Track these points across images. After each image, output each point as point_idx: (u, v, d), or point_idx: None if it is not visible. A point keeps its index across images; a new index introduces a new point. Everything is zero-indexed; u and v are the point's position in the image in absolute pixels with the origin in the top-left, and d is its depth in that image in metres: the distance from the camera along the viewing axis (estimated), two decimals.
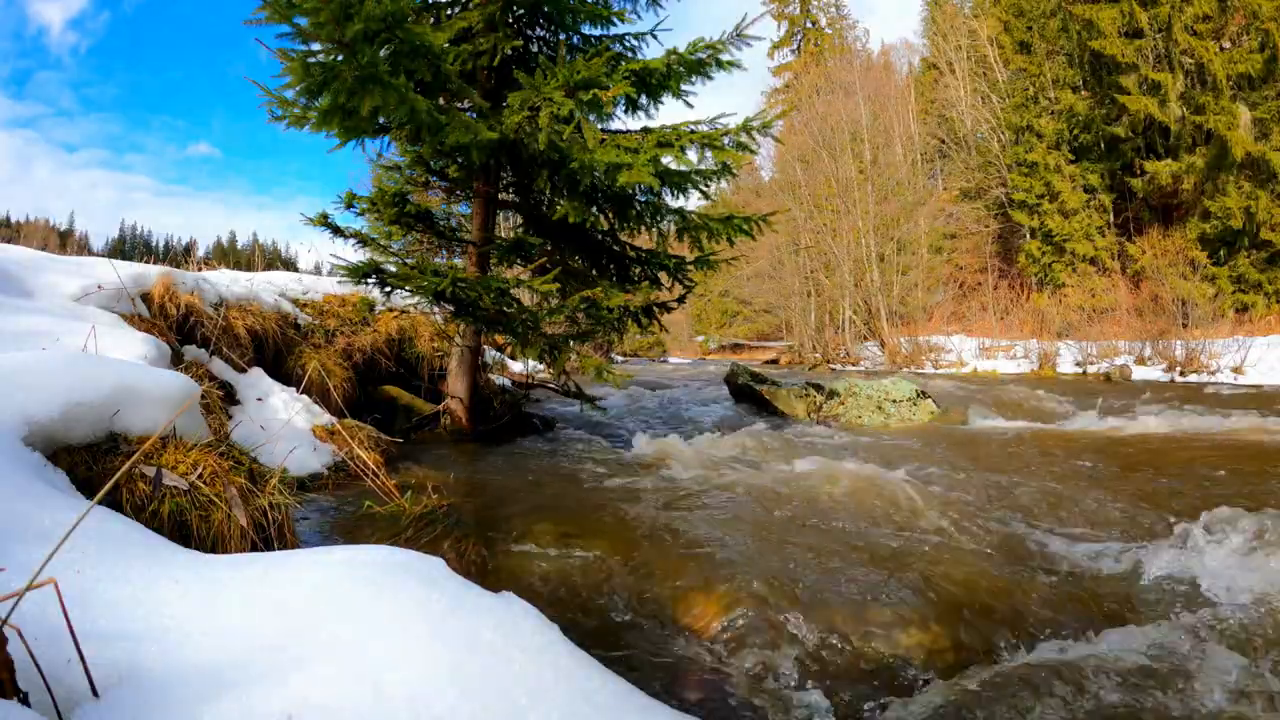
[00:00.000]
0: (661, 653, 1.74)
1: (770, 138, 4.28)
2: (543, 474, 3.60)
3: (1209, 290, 15.20)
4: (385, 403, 4.98)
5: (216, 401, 2.87)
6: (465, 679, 0.88)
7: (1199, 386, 10.11)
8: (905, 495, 2.90)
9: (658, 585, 2.05)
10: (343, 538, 2.38)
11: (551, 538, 2.36)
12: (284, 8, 2.95)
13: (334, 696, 0.81)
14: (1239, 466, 3.64)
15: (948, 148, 24.72)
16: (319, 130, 3.79)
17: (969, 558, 2.25)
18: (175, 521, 1.63)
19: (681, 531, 2.48)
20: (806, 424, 6.01)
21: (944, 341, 18.52)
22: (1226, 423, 5.11)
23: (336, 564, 1.14)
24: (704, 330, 35.76)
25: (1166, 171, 16.50)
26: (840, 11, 34.62)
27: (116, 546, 1.14)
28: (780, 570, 2.08)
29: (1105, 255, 18.60)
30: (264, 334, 4.39)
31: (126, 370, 1.76)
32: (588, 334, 4.60)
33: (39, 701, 0.72)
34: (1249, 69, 15.31)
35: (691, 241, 4.74)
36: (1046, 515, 2.80)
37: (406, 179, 5.13)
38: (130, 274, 3.51)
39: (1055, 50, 19.75)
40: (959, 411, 6.25)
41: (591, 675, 1.00)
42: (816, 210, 23.07)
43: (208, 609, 0.97)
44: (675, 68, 4.11)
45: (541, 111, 3.59)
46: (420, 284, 3.81)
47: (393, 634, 0.94)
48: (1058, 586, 2.05)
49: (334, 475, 3.05)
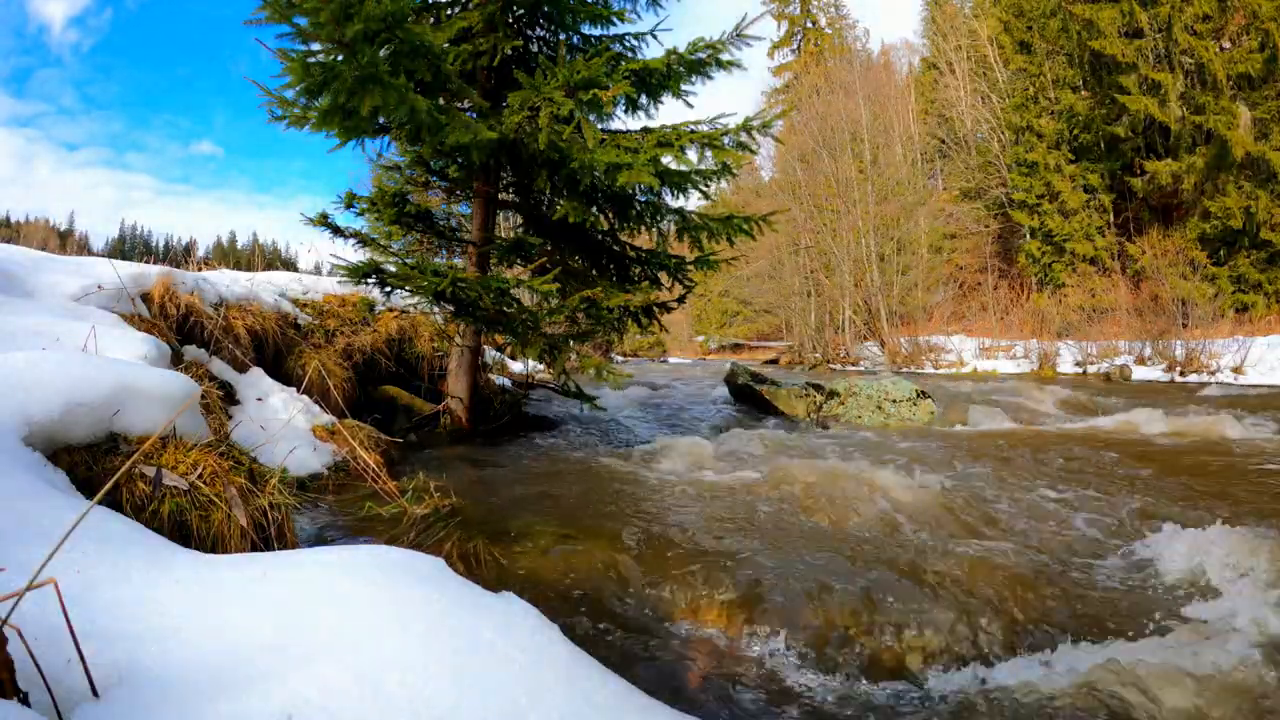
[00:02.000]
0: (661, 652, 1.74)
1: (770, 137, 4.28)
2: (542, 474, 3.60)
3: (1209, 290, 15.18)
4: (385, 403, 4.98)
5: (216, 401, 2.87)
6: (465, 678, 0.88)
7: (1199, 386, 10.10)
8: (904, 495, 2.90)
9: (658, 585, 2.05)
10: (343, 538, 2.38)
11: (551, 538, 2.36)
12: (284, 8, 2.95)
13: (334, 696, 0.81)
14: (1236, 466, 3.63)
15: (948, 148, 24.72)
16: (319, 130, 3.79)
17: (969, 558, 2.25)
18: (175, 521, 1.63)
19: (681, 531, 2.48)
20: (806, 424, 6.01)
21: (944, 341, 18.52)
22: (1225, 423, 5.10)
23: (336, 564, 1.14)
24: (704, 330, 35.76)
25: (1166, 171, 16.49)
26: (840, 11, 34.62)
27: (116, 546, 1.14)
28: (780, 570, 2.08)
29: (1105, 255, 18.59)
30: (264, 334, 4.39)
31: (126, 370, 1.76)
32: (588, 334, 4.60)
33: (39, 701, 0.72)
34: (1249, 69, 15.30)
35: (691, 241, 4.74)
36: (1047, 515, 2.80)
37: (406, 179, 5.13)
38: (130, 274, 3.51)
39: (1055, 50, 19.74)
40: (959, 412, 6.25)
41: (591, 675, 1.00)
42: (816, 210, 23.07)
43: (208, 609, 0.97)
44: (675, 68, 4.11)
45: (541, 111, 3.59)
46: (420, 284, 3.81)
47: (393, 634, 0.94)
48: (1059, 587, 2.05)
49: (334, 475, 3.05)
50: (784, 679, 1.62)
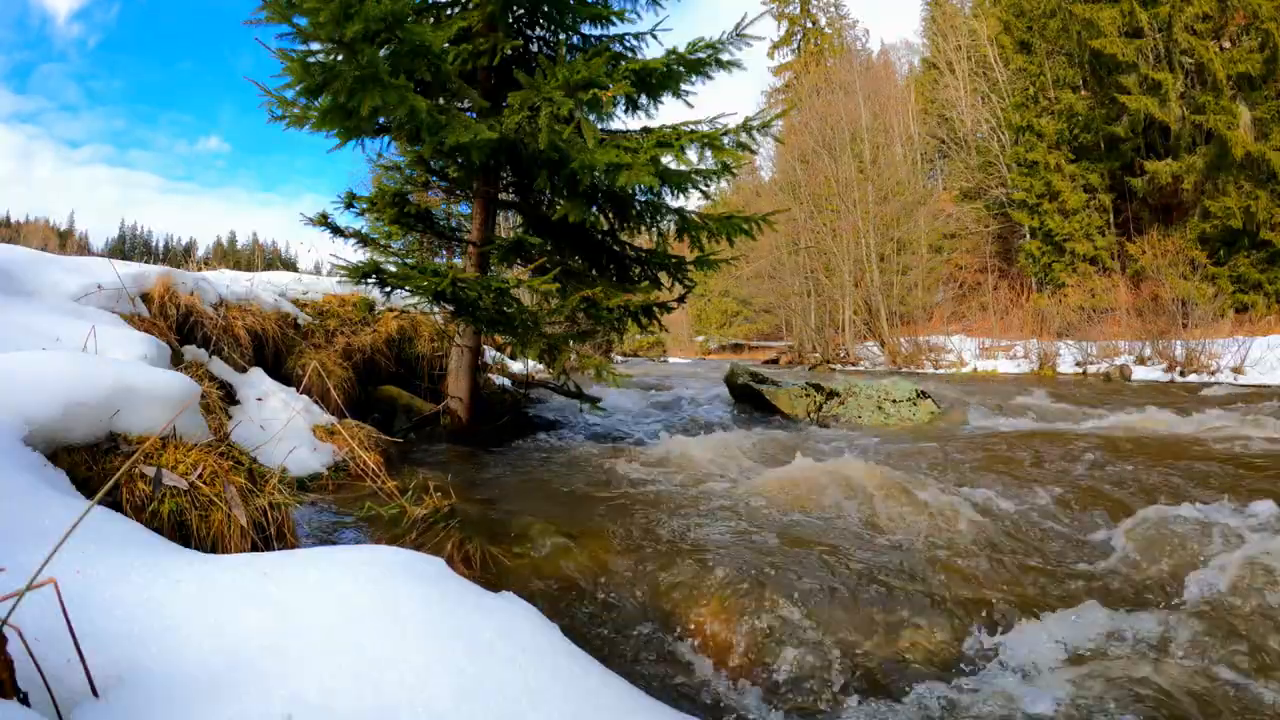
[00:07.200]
0: (661, 653, 1.74)
1: (770, 137, 4.28)
2: (542, 474, 3.60)
3: (1209, 290, 15.18)
4: (385, 403, 4.97)
5: (216, 401, 2.87)
6: (465, 679, 0.88)
7: (1199, 386, 10.10)
8: (904, 495, 2.90)
9: (658, 585, 2.05)
10: (343, 538, 2.38)
11: (551, 538, 2.36)
12: (284, 8, 2.95)
13: (334, 696, 0.81)
14: (1233, 467, 3.63)
15: (948, 148, 24.73)
16: (319, 130, 3.79)
17: (969, 557, 2.25)
18: (175, 521, 1.63)
19: (681, 531, 2.48)
20: (806, 424, 6.01)
21: (944, 341, 18.53)
22: (1224, 423, 5.10)
23: (336, 564, 1.13)
24: (704, 330, 35.77)
25: (1166, 171, 16.49)
26: (840, 11, 34.66)
27: (116, 546, 1.14)
28: (780, 570, 2.08)
29: (1105, 255, 18.60)
30: (264, 334, 4.39)
31: (126, 370, 1.76)
32: (587, 334, 4.60)
33: (39, 701, 0.72)
34: (1249, 69, 15.30)
35: (691, 241, 4.74)
36: (1047, 514, 2.80)
37: (406, 179, 5.13)
38: (130, 274, 3.51)
39: (1055, 50, 19.74)
40: (959, 411, 6.25)
41: (591, 675, 1.00)
42: (816, 210, 23.09)
43: (208, 609, 0.97)
44: (675, 67, 4.11)
45: (541, 111, 3.59)
46: (420, 284, 3.81)
47: (393, 634, 0.94)
48: (1059, 586, 2.05)
49: (334, 475, 3.05)
50: (786, 679, 1.62)
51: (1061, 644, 1.66)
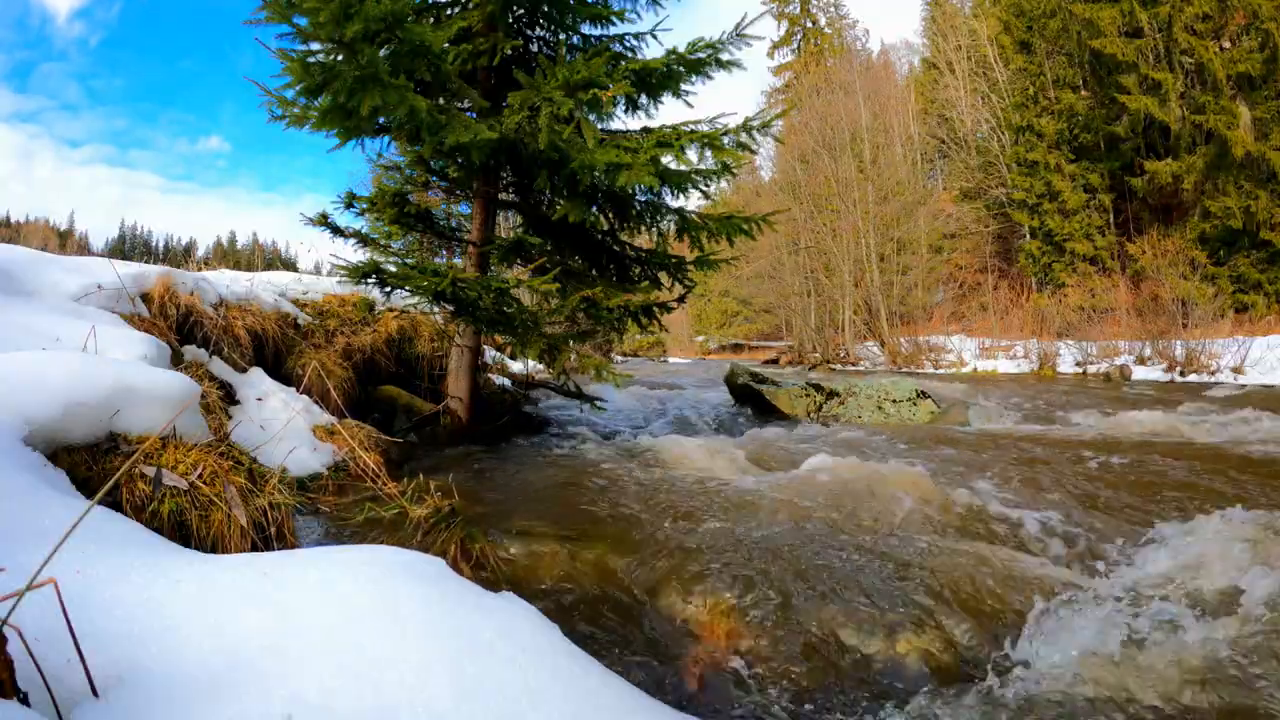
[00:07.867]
0: (662, 653, 1.74)
1: (770, 137, 4.28)
2: (542, 474, 3.60)
3: (1209, 290, 15.17)
4: (385, 403, 4.97)
5: (216, 401, 2.87)
6: (465, 679, 0.88)
7: (1199, 386, 10.11)
8: (905, 495, 2.90)
9: (658, 586, 2.05)
10: (343, 538, 2.38)
11: (551, 538, 2.36)
12: (284, 8, 2.95)
13: (334, 696, 0.81)
14: (1231, 467, 3.63)
15: (948, 148, 24.74)
16: (319, 130, 3.79)
17: (969, 557, 2.25)
18: (175, 521, 1.63)
19: (681, 532, 2.48)
20: (806, 424, 6.01)
21: (944, 341, 18.54)
22: (1223, 423, 5.10)
23: (336, 564, 1.13)
24: (704, 330, 35.78)
25: (1166, 171, 16.50)
26: (840, 11, 34.68)
27: (116, 546, 1.14)
28: (781, 570, 2.08)
29: (1105, 255, 18.61)
30: (264, 334, 4.39)
31: (126, 370, 1.76)
32: (587, 334, 4.60)
33: (39, 701, 0.72)
34: (1249, 69, 15.30)
35: (691, 241, 4.73)
36: (1046, 515, 2.80)
37: (406, 179, 5.13)
38: (130, 274, 3.51)
39: (1055, 50, 19.75)
40: (959, 411, 6.25)
41: (591, 675, 1.00)
42: (816, 210, 23.09)
43: (208, 609, 0.97)
44: (675, 67, 4.11)
45: (541, 111, 3.59)
46: (420, 284, 3.81)
47: (393, 634, 0.94)
48: (1059, 586, 2.05)
49: (334, 475, 3.05)
50: (786, 679, 1.62)
51: (1073, 648, 1.66)
